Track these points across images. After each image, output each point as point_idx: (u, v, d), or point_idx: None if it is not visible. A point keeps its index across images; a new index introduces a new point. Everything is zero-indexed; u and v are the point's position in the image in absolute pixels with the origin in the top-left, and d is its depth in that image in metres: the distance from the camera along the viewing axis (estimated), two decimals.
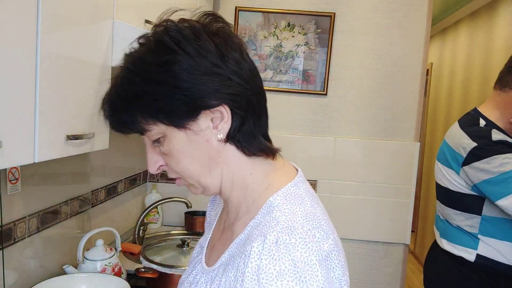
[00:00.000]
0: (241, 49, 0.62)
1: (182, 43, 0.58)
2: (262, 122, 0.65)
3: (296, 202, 0.60)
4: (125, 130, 0.64)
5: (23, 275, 1.20)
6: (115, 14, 1.05)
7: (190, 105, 0.59)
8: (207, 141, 0.61)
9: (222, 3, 2.24)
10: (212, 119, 0.61)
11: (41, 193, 1.28)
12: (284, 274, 0.50)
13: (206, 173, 0.64)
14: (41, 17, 0.75)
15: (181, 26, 0.60)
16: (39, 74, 0.76)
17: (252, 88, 0.62)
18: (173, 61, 0.58)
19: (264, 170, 0.66)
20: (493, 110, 1.48)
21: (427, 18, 2.18)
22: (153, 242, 1.65)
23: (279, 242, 0.52)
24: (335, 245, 0.59)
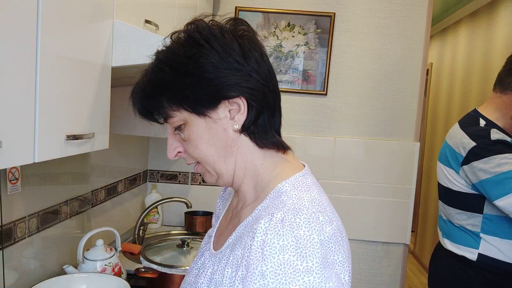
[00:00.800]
0: (262, 51, 0.69)
1: (210, 39, 0.65)
2: (275, 119, 0.71)
3: (303, 189, 0.65)
4: (150, 116, 0.71)
5: (23, 275, 1.20)
6: (115, 14, 1.05)
7: (212, 95, 0.66)
8: (224, 130, 0.67)
9: (222, 3, 2.24)
10: (230, 111, 0.67)
11: (41, 193, 1.28)
12: (286, 248, 0.54)
13: (221, 160, 0.69)
14: (41, 17, 0.75)
15: (211, 26, 0.68)
16: (39, 74, 0.76)
17: (269, 86, 0.68)
18: (201, 55, 0.64)
19: (275, 161, 0.71)
20: (493, 111, 1.48)
21: (427, 18, 2.18)
22: (153, 242, 1.65)
23: (284, 220, 0.57)
24: (338, 231, 0.62)
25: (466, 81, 3.34)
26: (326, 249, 0.57)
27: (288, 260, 0.54)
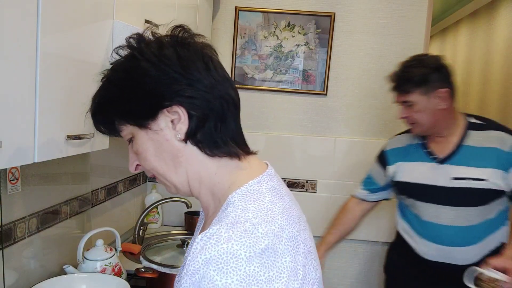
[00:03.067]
0: (207, 60, 0.68)
1: (144, 52, 0.66)
2: (228, 126, 0.68)
3: (252, 199, 0.62)
4: (105, 131, 0.73)
5: (23, 275, 1.20)
6: (115, 14, 1.05)
7: (149, 105, 0.66)
8: (167, 141, 0.67)
9: (222, 3, 2.24)
10: (173, 120, 0.66)
11: (41, 193, 1.28)
12: (208, 263, 0.54)
13: (171, 171, 0.69)
14: (41, 17, 0.75)
15: (148, 39, 0.69)
16: (39, 74, 0.76)
17: (214, 94, 0.66)
18: (135, 67, 0.66)
19: (229, 170, 0.68)
20: None
21: (427, 18, 2.18)
22: (153, 242, 1.65)
23: (214, 234, 0.56)
24: (289, 239, 0.60)
25: (466, 81, 3.34)
26: (258, 266, 0.54)
27: (208, 274, 0.53)
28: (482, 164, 1.38)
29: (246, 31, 2.24)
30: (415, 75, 1.40)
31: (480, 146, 1.40)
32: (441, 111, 1.41)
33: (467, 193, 1.39)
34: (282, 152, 2.27)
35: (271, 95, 2.26)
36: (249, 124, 2.23)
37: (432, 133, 1.47)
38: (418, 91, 1.40)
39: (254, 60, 2.26)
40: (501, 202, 1.42)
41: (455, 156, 1.42)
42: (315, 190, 2.28)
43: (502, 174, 1.37)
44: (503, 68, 2.74)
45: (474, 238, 1.41)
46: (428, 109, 1.40)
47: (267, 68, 2.25)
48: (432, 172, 1.45)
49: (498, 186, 1.37)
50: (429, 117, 1.41)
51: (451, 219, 1.42)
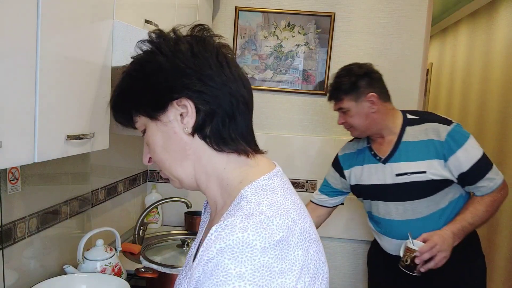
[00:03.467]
0: (222, 58, 0.69)
1: (162, 47, 0.68)
2: (238, 124, 0.69)
3: (266, 193, 0.63)
4: (124, 124, 0.75)
5: (23, 275, 1.20)
6: (115, 14, 1.05)
7: (159, 97, 0.68)
8: (175, 133, 0.68)
9: (222, 3, 2.24)
10: (182, 114, 0.67)
11: (41, 193, 1.28)
12: (223, 251, 0.54)
13: (176, 164, 0.70)
14: (41, 17, 0.75)
15: (166, 34, 0.70)
16: (39, 74, 0.76)
17: (223, 90, 0.67)
18: (150, 61, 0.68)
19: (238, 165, 0.69)
20: None
21: (427, 18, 2.18)
22: (153, 242, 1.65)
23: (228, 225, 0.56)
24: (301, 233, 0.60)
25: (466, 81, 3.34)
26: (272, 257, 0.54)
27: (222, 262, 0.53)
28: (420, 157, 1.45)
29: (246, 31, 2.24)
30: (344, 83, 1.50)
31: (417, 140, 1.46)
32: (373, 113, 1.49)
33: (410, 187, 1.46)
34: (282, 152, 2.27)
35: (271, 95, 2.26)
36: None
37: (370, 134, 1.56)
38: (348, 98, 1.50)
39: (254, 60, 2.26)
40: (450, 191, 1.46)
41: (395, 154, 1.50)
42: (315, 190, 2.28)
43: (442, 164, 1.42)
44: (503, 68, 2.74)
45: (427, 229, 1.44)
46: (360, 113, 1.49)
47: (267, 68, 2.25)
48: (379, 172, 1.53)
49: (440, 176, 1.42)
50: (362, 120, 1.50)
51: (401, 214, 1.50)
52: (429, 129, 1.45)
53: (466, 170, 1.41)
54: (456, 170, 1.42)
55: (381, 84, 1.53)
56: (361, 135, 1.58)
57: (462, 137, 1.42)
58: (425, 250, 1.35)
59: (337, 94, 1.52)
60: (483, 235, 2.79)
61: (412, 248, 1.37)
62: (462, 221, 1.41)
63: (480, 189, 1.43)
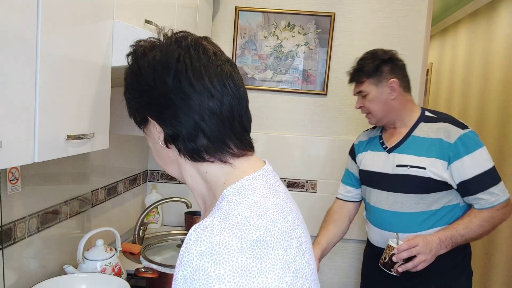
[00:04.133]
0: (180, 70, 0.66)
1: (135, 56, 0.71)
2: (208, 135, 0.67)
3: (246, 193, 0.64)
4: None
5: (23, 275, 1.20)
6: (115, 14, 1.05)
7: (136, 112, 0.73)
8: (156, 143, 0.72)
9: (222, 3, 2.24)
10: (156, 127, 0.70)
11: (41, 193, 1.28)
12: (203, 254, 0.55)
13: (165, 165, 0.76)
14: (41, 17, 0.75)
15: (141, 44, 0.72)
16: (39, 74, 0.76)
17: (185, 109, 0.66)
18: (127, 74, 0.72)
19: (220, 168, 0.69)
20: None
21: (427, 18, 2.18)
22: (153, 242, 1.65)
23: (207, 227, 0.57)
24: (281, 232, 0.61)
25: (466, 81, 3.34)
26: (250, 257, 0.55)
27: (202, 266, 0.54)
28: (424, 153, 1.42)
29: (246, 31, 2.24)
30: (367, 66, 1.49)
31: (426, 136, 1.44)
32: (392, 101, 1.47)
33: (406, 179, 1.44)
34: (282, 152, 2.27)
35: (271, 95, 2.26)
36: None
37: (386, 123, 1.54)
38: (370, 81, 1.48)
39: (254, 60, 2.26)
40: (447, 196, 1.42)
41: (401, 145, 1.48)
42: (315, 190, 2.28)
43: (444, 165, 1.38)
44: (503, 68, 2.74)
45: (410, 225, 1.43)
46: (379, 98, 1.48)
47: (267, 68, 2.25)
48: (382, 160, 1.52)
49: (439, 177, 1.39)
50: (380, 106, 1.48)
51: (390, 204, 1.48)
52: (441, 129, 1.42)
53: (468, 178, 1.36)
54: (459, 176, 1.38)
55: (403, 73, 1.51)
56: (378, 123, 1.55)
57: (474, 144, 1.38)
58: (403, 249, 1.32)
59: (359, 76, 1.51)
60: None
61: (391, 246, 1.36)
62: (452, 230, 1.36)
63: (480, 202, 1.37)
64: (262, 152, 2.24)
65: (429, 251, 1.32)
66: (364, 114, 1.57)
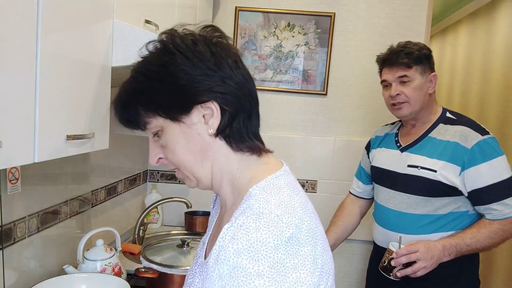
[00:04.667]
0: (236, 58, 0.71)
1: (182, 47, 0.67)
2: (252, 122, 0.72)
3: (273, 192, 0.65)
4: (130, 124, 0.73)
5: (23, 275, 1.20)
6: (115, 14, 1.05)
7: (184, 100, 0.68)
8: (198, 135, 0.69)
9: (222, 3, 2.24)
10: (204, 116, 0.68)
11: (41, 193, 1.28)
12: (240, 252, 0.56)
13: (198, 165, 0.71)
14: (41, 17, 0.75)
15: (183, 34, 0.70)
16: (39, 74, 0.76)
17: (243, 91, 0.70)
18: (172, 62, 0.67)
19: (250, 164, 0.71)
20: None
21: (427, 18, 2.18)
22: (153, 242, 1.65)
23: (243, 225, 0.58)
24: (310, 230, 0.62)
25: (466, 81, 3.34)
26: (284, 253, 0.57)
27: (240, 263, 0.55)
28: (437, 155, 1.38)
29: (246, 31, 2.24)
30: (416, 51, 1.42)
31: (443, 139, 1.40)
32: (429, 95, 1.45)
33: (415, 180, 1.40)
34: (282, 152, 2.27)
35: (271, 95, 2.26)
36: None
37: (414, 117, 1.47)
38: (418, 68, 1.43)
39: (254, 60, 2.26)
40: (456, 202, 1.38)
41: (416, 145, 1.45)
42: (315, 190, 2.28)
43: (457, 171, 1.34)
44: (503, 68, 2.74)
45: (414, 227, 1.41)
46: (422, 88, 1.43)
47: (267, 68, 2.25)
48: (395, 159, 1.50)
49: (449, 181, 1.34)
50: (421, 96, 1.43)
51: (396, 203, 1.46)
52: (459, 132, 1.37)
53: (483, 187, 1.31)
54: (472, 183, 1.32)
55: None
56: (409, 115, 1.46)
57: (492, 152, 1.33)
58: (402, 254, 1.30)
59: (409, 59, 1.42)
60: None
61: (391, 250, 1.34)
62: (458, 239, 1.32)
63: (492, 212, 1.31)
64: None
65: (430, 258, 1.29)
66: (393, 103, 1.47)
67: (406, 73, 1.43)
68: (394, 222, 1.46)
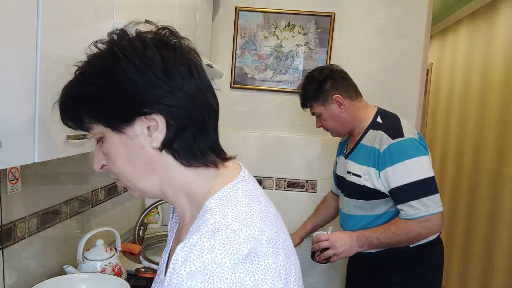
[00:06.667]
0: (191, 65, 0.64)
1: (128, 52, 0.61)
2: (208, 136, 0.66)
3: (230, 204, 0.61)
4: (72, 126, 0.68)
5: (23, 275, 1.20)
6: (115, 14, 1.05)
7: (127, 110, 0.62)
8: (141, 147, 0.63)
9: (222, 3, 2.24)
10: (149, 127, 0.63)
11: (41, 193, 1.28)
12: (194, 275, 0.51)
13: (142, 178, 0.66)
14: (41, 17, 0.75)
15: (131, 37, 0.64)
16: (39, 74, 0.76)
17: (196, 103, 0.64)
18: (116, 68, 0.61)
19: (206, 177, 0.66)
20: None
21: (427, 18, 2.18)
22: (153, 242, 1.65)
23: (196, 244, 0.53)
24: (268, 241, 0.59)
25: (466, 81, 3.34)
26: (243, 271, 0.53)
27: (195, 287, 0.51)
28: (362, 161, 1.49)
29: (246, 31, 2.24)
30: (309, 90, 1.57)
31: (368, 144, 1.49)
32: (343, 113, 1.54)
33: (350, 185, 1.54)
34: (282, 152, 2.27)
35: (271, 95, 2.26)
36: (249, 124, 2.23)
37: (347, 133, 1.62)
38: (317, 103, 1.57)
39: (254, 60, 2.26)
40: (387, 202, 1.47)
41: (352, 152, 1.56)
42: (315, 190, 2.28)
43: (377, 174, 1.44)
44: (503, 68, 2.74)
45: (358, 227, 1.52)
46: (331, 115, 1.55)
47: (267, 68, 2.25)
48: (343, 165, 1.62)
49: (372, 185, 1.45)
50: (334, 122, 1.56)
51: (344, 206, 1.60)
52: (378, 137, 1.46)
53: (392, 188, 1.41)
54: (387, 185, 1.42)
55: (345, 83, 1.57)
56: (339, 135, 1.64)
57: (402, 154, 1.39)
58: (315, 241, 1.50)
59: (305, 101, 1.60)
60: (483, 234, 2.80)
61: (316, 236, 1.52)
62: (371, 232, 1.44)
63: (401, 212, 1.41)
64: (262, 152, 2.24)
65: (340, 246, 1.45)
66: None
67: (313, 111, 1.60)
68: (346, 222, 1.60)
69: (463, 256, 3.11)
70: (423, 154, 1.40)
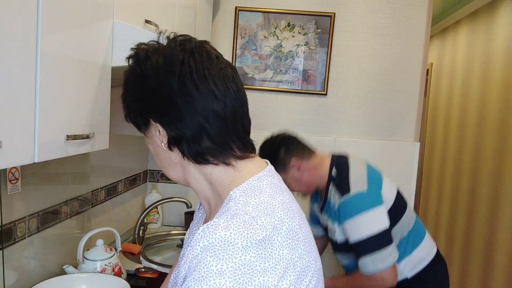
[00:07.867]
0: (185, 73, 0.66)
1: (138, 59, 0.70)
2: (212, 138, 0.68)
3: (253, 194, 0.64)
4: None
5: (23, 275, 1.20)
6: (115, 14, 1.05)
7: (138, 116, 0.72)
8: (158, 146, 0.72)
9: (222, 3, 2.24)
10: (159, 130, 0.70)
11: (41, 193, 1.28)
12: (206, 249, 0.55)
13: (167, 169, 0.75)
14: (41, 17, 0.75)
15: (145, 47, 0.71)
16: (39, 74, 0.76)
17: (189, 111, 0.66)
18: (128, 76, 0.72)
19: (224, 169, 0.70)
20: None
21: (427, 18, 2.18)
22: (153, 242, 1.65)
23: (213, 224, 0.58)
24: (288, 232, 0.61)
25: (466, 81, 3.34)
26: (254, 256, 0.56)
27: (205, 259, 0.55)
28: (330, 217, 1.50)
29: (246, 31, 2.24)
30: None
31: (332, 200, 1.49)
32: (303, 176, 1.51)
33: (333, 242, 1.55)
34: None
35: (271, 95, 2.26)
36: None
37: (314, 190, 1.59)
38: (278, 172, 1.55)
39: (254, 60, 2.26)
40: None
41: (325, 206, 1.54)
42: None
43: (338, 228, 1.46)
44: (503, 68, 2.74)
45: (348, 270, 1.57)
46: (294, 180, 1.52)
47: (267, 68, 2.25)
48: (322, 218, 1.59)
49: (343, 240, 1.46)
50: (298, 185, 1.54)
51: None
52: (333, 193, 1.47)
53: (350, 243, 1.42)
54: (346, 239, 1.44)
55: (297, 144, 1.55)
56: (309, 194, 1.62)
57: (349, 212, 1.40)
58: None
59: None
60: (483, 234, 2.80)
61: None
62: (336, 281, 1.50)
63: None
64: None
65: None
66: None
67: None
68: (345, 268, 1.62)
69: (463, 256, 3.11)
70: (372, 206, 1.39)
